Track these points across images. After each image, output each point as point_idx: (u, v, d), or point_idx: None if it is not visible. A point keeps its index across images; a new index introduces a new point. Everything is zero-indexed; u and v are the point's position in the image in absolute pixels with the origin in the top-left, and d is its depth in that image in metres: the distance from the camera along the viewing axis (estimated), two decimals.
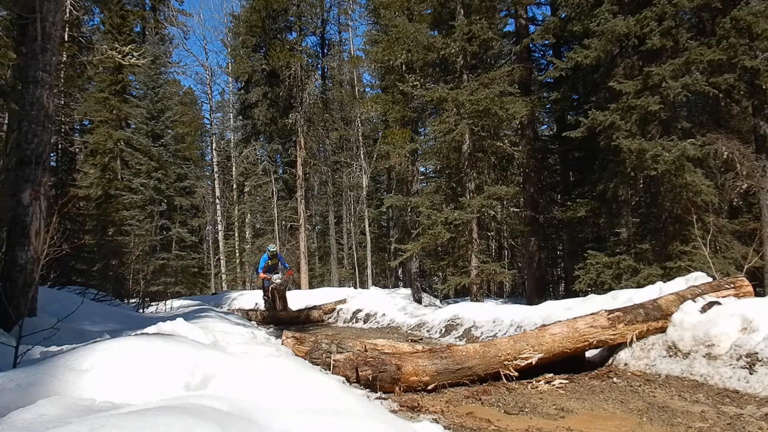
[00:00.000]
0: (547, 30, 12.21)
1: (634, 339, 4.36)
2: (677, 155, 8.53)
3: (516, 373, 4.16)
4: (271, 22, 22.58)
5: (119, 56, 12.37)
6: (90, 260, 16.34)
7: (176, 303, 13.16)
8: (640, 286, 7.26)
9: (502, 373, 4.15)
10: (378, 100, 16.73)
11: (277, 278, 10.64)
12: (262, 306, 14.28)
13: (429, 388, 3.97)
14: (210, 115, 32.41)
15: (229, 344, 4.32)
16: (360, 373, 3.88)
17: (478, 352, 4.18)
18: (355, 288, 16.93)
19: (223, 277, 28.84)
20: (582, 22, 10.50)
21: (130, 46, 13.22)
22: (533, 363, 4.19)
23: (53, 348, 4.06)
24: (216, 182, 29.68)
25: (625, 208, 10.79)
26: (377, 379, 3.84)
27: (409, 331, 8.49)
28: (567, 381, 4.14)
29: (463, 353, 4.16)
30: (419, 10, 13.72)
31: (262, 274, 11.15)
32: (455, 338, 7.23)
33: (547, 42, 13.92)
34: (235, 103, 28.09)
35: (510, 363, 4.15)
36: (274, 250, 11.19)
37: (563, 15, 12.01)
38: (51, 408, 1.91)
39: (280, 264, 11.34)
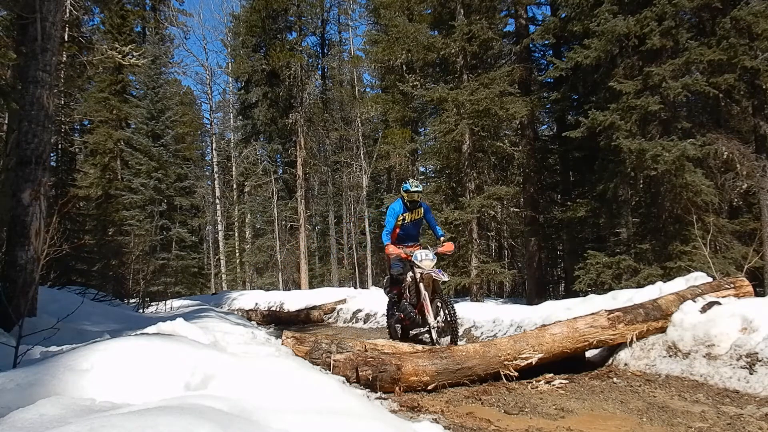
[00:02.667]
0: (547, 30, 12.22)
1: (634, 339, 4.35)
2: (677, 155, 8.54)
3: (516, 373, 4.16)
4: (271, 22, 22.60)
5: (119, 56, 12.38)
6: (90, 260, 16.34)
7: (176, 303, 13.16)
8: (640, 286, 7.26)
9: (502, 373, 4.14)
10: (378, 100, 16.78)
11: (425, 256, 5.56)
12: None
13: (429, 388, 3.97)
14: (210, 115, 32.45)
15: (229, 344, 4.31)
16: (360, 373, 3.87)
17: (478, 352, 4.18)
18: (355, 288, 16.92)
19: (223, 277, 28.87)
20: (582, 22, 10.51)
21: (130, 46, 13.23)
22: (533, 363, 4.19)
23: (53, 348, 4.06)
24: (216, 182, 29.70)
25: (625, 208, 10.79)
26: (377, 379, 3.84)
27: None
28: (567, 381, 4.14)
29: (463, 353, 4.16)
30: (419, 10, 13.76)
31: (392, 248, 5.74)
32: None
33: (547, 42, 13.93)
34: (235, 103, 28.12)
35: (510, 363, 4.15)
36: (418, 189, 5.87)
37: (563, 15, 12.02)
38: (51, 408, 1.91)
39: (425, 224, 6.26)
